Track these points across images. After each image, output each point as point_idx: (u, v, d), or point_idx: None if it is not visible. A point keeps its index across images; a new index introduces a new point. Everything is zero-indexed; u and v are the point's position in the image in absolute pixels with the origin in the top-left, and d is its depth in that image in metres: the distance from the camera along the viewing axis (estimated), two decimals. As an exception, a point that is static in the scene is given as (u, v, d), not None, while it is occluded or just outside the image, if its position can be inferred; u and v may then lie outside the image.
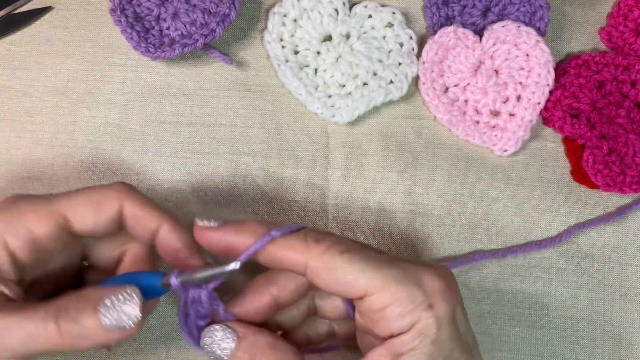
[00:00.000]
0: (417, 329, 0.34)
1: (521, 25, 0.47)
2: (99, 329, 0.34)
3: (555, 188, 0.48)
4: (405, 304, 0.34)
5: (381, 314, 0.34)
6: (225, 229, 0.37)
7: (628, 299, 0.47)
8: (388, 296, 0.34)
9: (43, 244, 0.36)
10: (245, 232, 0.36)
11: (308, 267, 0.35)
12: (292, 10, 0.48)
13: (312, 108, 0.47)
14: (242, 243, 0.36)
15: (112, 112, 0.48)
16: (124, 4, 0.47)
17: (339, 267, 0.35)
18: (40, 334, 0.34)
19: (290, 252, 0.35)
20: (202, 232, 0.37)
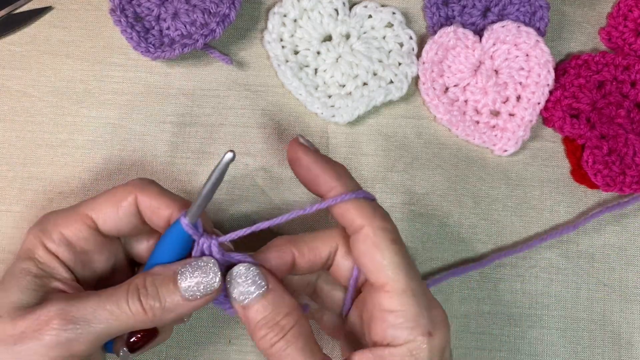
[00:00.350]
0: (410, 348, 0.35)
1: (521, 25, 0.47)
2: (181, 300, 0.36)
3: (555, 188, 0.48)
4: (410, 318, 0.35)
5: (384, 315, 0.35)
6: (318, 159, 0.38)
7: (628, 299, 0.47)
8: (398, 302, 0.35)
9: (79, 245, 0.38)
10: (332, 174, 0.37)
11: (360, 231, 0.36)
12: (292, 10, 0.48)
13: (312, 108, 0.47)
14: (324, 181, 0.37)
15: (112, 112, 0.48)
16: (124, 4, 0.47)
17: (383, 248, 0.36)
18: (125, 314, 0.35)
19: (357, 211, 0.36)
20: (296, 148, 0.38)
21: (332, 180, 0.37)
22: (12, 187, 0.47)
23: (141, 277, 0.36)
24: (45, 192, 0.46)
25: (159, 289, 0.36)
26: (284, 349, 0.35)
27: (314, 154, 0.38)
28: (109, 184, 0.47)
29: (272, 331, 0.35)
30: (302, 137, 0.39)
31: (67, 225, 0.38)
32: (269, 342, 0.35)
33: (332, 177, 0.37)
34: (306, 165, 0.38)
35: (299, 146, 0.38)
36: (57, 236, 0.38)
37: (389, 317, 0.35)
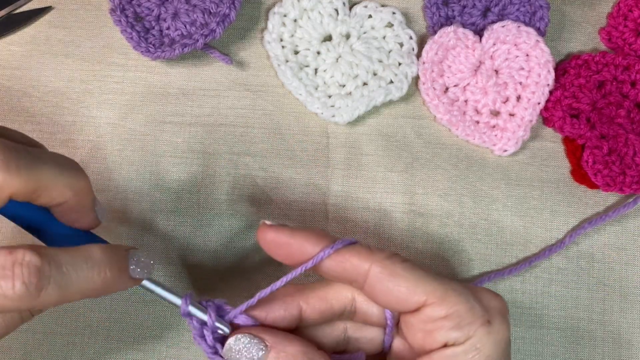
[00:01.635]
0: (472, 343, 0.34)
1: (521, 25, 0.47)
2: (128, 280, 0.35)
3: (555, 188, 0.48)
4: (463, 315, 0.34)
5: (438, 324, 0.34)
6: (293, 233, 0.36)
7: (628, 299, 0.47)
8: (447, 307, 0.34)
9: None
10: (309, 239, 0.36)
11: (370, 274, 0.35)
12: (292, 10, 0.48)
13: (312, 108, 0.47)
14: (307, 248, 0.36)
15: (112, 112, 0.48)
16: (124, 4, 0.47)
17: (401, 273, 0.35)
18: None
19: (355, 256, 0.35)
20: (267, 230, 0.37)
21: (315, 244, 0.36)
22: (12, 187, 0.46)
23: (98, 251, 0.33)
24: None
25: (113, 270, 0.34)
26: None
27: (286, 229, 0.37)
28: (109, 184, 0.47)
29: None
30: (267, 221, 0.37)
31: None
32: None
33: (315, 241, 0.36)
34: (285, 243, 0.36)
35: (268, 229, 0.37)
36: None
37: (444, 323, 0.34)
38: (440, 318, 0.34)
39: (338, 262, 0.36)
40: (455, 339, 0.34)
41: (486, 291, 0.36)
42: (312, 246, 0.36)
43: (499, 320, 0.35)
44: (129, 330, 0.45)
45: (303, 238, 0.36)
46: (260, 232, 0.37)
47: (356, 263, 0.35)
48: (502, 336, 0.34)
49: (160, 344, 0.45)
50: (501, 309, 0.35)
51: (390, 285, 0.35)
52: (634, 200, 0.47)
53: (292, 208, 0.47)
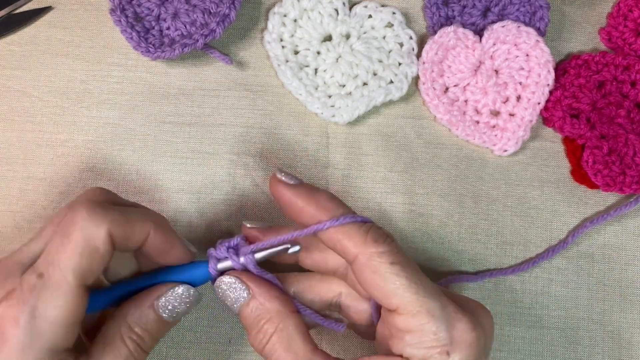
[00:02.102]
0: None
1: (521, 25, 0.47)
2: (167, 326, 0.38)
3: (555, 188, 0.48)
4: (426, 337, 0.34)
5: (401, 334, 0.35)
6: (300, 193, 0.38)
7: (628, 299, 0.47)
8: (414, 323, 0.34)
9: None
10: (316, 205, 0.37)
11: (356, 260, 0.36)
12: (292, 10, 0.48)
13: (312, 108, 0.47)
14: (309, 213, 0.37)
15: (112, 112, 0.48)
16: (124, 4, 0.47)
17: (382, 274, 0.35)
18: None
19: (347, 240, 0.36)
20: (277, 184, 0.38)
21: (315, 212, 0.37)
22: (12, 187, 0.47)
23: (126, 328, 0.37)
24: (45, 192, 0.46)
25: (150, 332, 0.37)
26: (271, 353, 0.37)
27: (293, 187, 0.38)
28: (109, 184, 0.47)
29: (257, 337, 0.37)
30: (279, 173, 0.39)
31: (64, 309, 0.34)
32: (258, 346, 0.38)
33: (315, 209, 0.37)
34: (288, 202, 0.38)
35: (277, 183, 0.38)
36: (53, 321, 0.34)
37: (406, 337, 0.35)
38: (405, 330, 0.35)
39: (333, 242, 0.37)
40: (410, 356, 0.35)
41: (464, 323, 0.35)
42: (312, 211, 0.37)
43: (461, 355, 0.34)
44: (129, 330, 0.45)
45: (305, 202, 0.37)
46: (270, 185, 0.39)
47: (346, 247, 0.36)
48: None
49: (160, 344, 0.45)
50: (469, 345, 0.35)
51: (369, 280, 0.35)
52: (635, 199, 0.47)
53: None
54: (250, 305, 0.38)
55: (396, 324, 0.35)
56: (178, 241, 0.39)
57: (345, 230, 0.36)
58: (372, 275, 0.35)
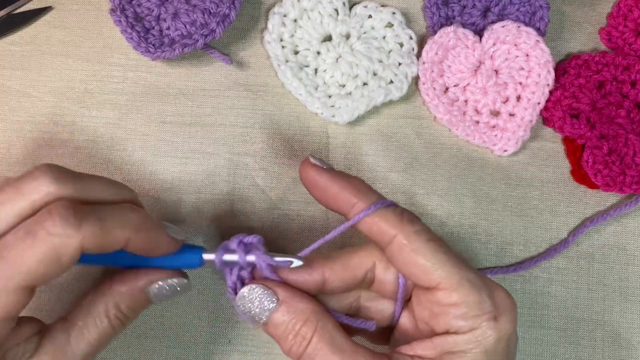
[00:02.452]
0: (475, 335, 0.34)
1: (521, 25, 0.47)
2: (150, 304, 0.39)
3: (555, 188, 0.48)
4: (472, 307, 0.34)
5: (445, 309, 0.35)
6: (335, 177, 0.37)
7: (628, 299, 0.47)
8: (459, 295, 0.35)
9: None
10: (352, 189, 0.37)
11: (394, 241, 0.36)
12: (292, 10, 0.48)
13: (312, 108, 0.47)
14: (344, 198, 0.37)
15: (112, 112, 0.48)
16: (124, 4, 0.47)
17: (423, 251, 0.35)
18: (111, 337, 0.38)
19: (384, 222, 0.36)
20: (310, 169, 0.38)
21: (351, 197, 0.37)
22: (12, 187, 0.46)
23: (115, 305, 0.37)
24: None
25: (136, 310, 0.38)
26: (313, 356, 0.35)
27: (327, 172, 0.38)
28: (109, 184, 0.47)
29: (295, 342, 0.36)
30: (312, 157, 0.39)
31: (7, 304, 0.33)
32: (297, 352, 0.36)
33: (351, 194, 0.37)
34: (322, 186, 0.38)
35: (311, 167, 0.38)
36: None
37: (452, 310, 0.35)
38: (449, 304, 0.35)
39: (369, 226, 0.36)
40: (459, 328, 0.34)
41: (501, 289, 0.36)
42: (348, 197, 0.37)
43: (506, 318, 0.35)
44: (129, 330, 0.45)
45: (341, 186, 0.37)
46: (302, 168, 0.38)
47: (384, 229, 0.36)
48: (505, 334, 0.35)
49: (160, 344, 0.45)
50: (511, 308, 0.36)
51: (409, 259, 0.35)
52: (636, 199, 0.47)
53: (292, 208, 0.47)
54: (281, 310, 0.36)
55: (439, 300, 0.35)
56: (163, 237, 0.37)
57: (381, 213, 0.36)
58: (412, 253, 0.35)
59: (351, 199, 0.37)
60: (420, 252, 0.35)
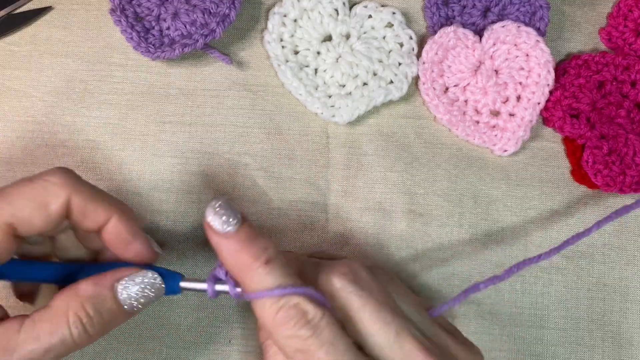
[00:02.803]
0: None
1: (521, 25, 0.47)
2: (123, 314, 0.36)
3: (555, 188, 0.48)
4: None
5: None
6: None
7: (628, 299, 0.47)
8: None
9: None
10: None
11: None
12: (292, 10, 0.48)
13: (312, 108, 0.47)
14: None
15: (112, 112, 0.48)
16: (124, 4, 0.47)
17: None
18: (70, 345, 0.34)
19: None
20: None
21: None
22: (12, 187, 0.46)
23: (76, 303, 0.34)
24: None
25: (103, 313, 0.35)
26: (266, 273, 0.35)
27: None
28: (109, 184, 0.47)
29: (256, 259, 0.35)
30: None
31: None
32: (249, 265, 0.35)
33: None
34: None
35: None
36: None
37: None
38: None
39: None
40: None
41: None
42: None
43: None
44: (129, 330, 0.45)
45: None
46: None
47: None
48: None
49: (160, 344, 0.45)
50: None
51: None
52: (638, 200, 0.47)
53: (292, 208, 0.47)
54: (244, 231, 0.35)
55: None
56: (141, 236, 0.37)
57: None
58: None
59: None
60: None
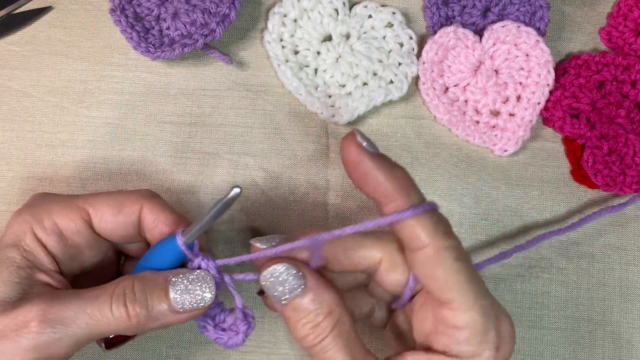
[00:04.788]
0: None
1: (521, 25, 0.47)
2: (168, 310, 0.35)
3: (555, 188, 0.48)
4: (477, 334, 0.34)
5: (450, 330, 0.34)
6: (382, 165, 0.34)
7: (628, 299, 0.47)
8: (466, 319, 0.34)
9: (71, 238, 0.37)
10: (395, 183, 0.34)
11: (424, 251, 0.34)
12: (292, 10, 0.48)
13: (312, 108, 0.47)
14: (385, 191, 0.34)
15: (112, 112, 0.48)
16: (124, 4, 0.47)
17: (448, 269, 0.34)
18: (106, 319, 0.34)
19: (419, 228, 0.34)
20: (355, 149, 0.34)
21: (393, 192, 0.34)
22: (12, 187, 0.47)
23: (129, 280, 0.35)
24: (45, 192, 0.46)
25: (148, 296, 0.35)
26: (325, 351, 0.35)
27: (372, 158, 0.34)
28: (109, 184, 0.47)
29: (313, 333, 0.35)
30: (359, 134, 0.34)
31: (63, 216, 0.37)
32: (309, 343, 0.35)
33: (394, 188, 0.34)
34: (363, 172, 0.34)
35: (355, 147, 0.34)
36: (50, 225, 0.37)
37: (456, 333, 0.34)
38: (455, 326, 0.34)
39: (402, 226, 0.34)
40: (460, 352, 0.34)
41: (507, 318, 0.35)
42: (390, 190, 0.34)
43: (507, 349, 0.35)
44: (129, 330, 0.45)
45: (385, 177, 0.34)
46: (345, 145, 0.34)
47: (417, 236, 0.34)
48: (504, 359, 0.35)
49: (160, 344, 0.45)
50: (512, 338, 0.35)
51: (430, 272, 0.34)
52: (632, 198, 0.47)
53: (292, 208, 0.47)
54: (307, 298, 0.35)
55: (446, 319, 0.34)
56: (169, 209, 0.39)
57: (418, 218, 0.34)
58: (436, 268, 0.34)
59: (392, 194, 0.34)
60: (444, 269, 0.34)
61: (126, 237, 0.39)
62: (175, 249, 0.36)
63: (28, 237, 0.36)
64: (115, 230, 0.38)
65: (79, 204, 0.37)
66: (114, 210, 0.38)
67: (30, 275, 0.36)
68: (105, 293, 0.35)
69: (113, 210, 0.38)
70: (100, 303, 0.34)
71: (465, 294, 0.34)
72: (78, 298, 0.35)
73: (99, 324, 0.34)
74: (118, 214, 0.38)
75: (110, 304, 0.34)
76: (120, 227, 0.38)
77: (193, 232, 0.35)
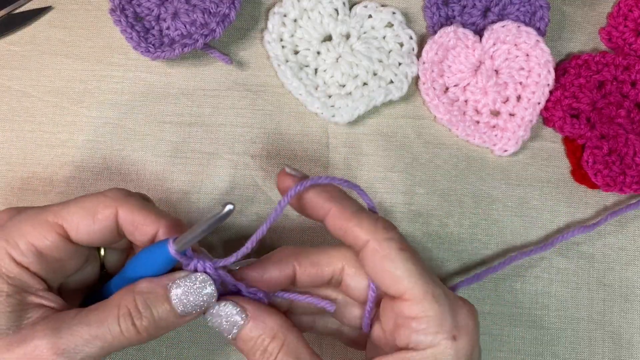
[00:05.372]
0: (433, 353, 0.34)
1: (521, 25, 0.47)
2: (175, 317, 0.36)
3: (555, 188, 0.48)
4: (433, 323, 0.34)
5: (407, 322, 0.35)
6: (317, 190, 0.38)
7: (628, 299, 0.47)
8: (420, 308, 0.34)
9: (50, 255, 0.36)
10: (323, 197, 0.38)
11: (367, 246, 0.36)
12: (292, 10, 0.48)
13: (312, 108, 0.47)
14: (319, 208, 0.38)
15: (112, 112, 0.48)
16: (124, 4, 0.47)
17: (393, 258, 0.35)
18: (118, 338, 0.35)
19: (358, 228, 0.36)
20: (284, 178, 0.38)
21: (326, 203, 0.37)
22: (12, 187, 0.46)
23: (129, 297, 0.35)
24: (45, 192, 0.46)
25: (152, 309, 0.35)
26: None
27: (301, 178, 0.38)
28: (109, 184, 0.47)
29: (263, 358, 0.36)
30: (288, 167, 0.39)
31: (37, 235, 0.36)
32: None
33: (325, 200, 0.38)
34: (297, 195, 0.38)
35: (286, 177, 0.38)
36: (25, 247, 0.35)
37: (412, 324, 0.35)
38: (410, 317, 0.35)
39: (343, 229, 0.37)
40: (417, 343, 0.34)
41: (465, 308, 0.36)
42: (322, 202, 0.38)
43: (466, 339, 0.35)
44: (129, 330, 0.45)
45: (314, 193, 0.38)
46: (279, 179, 0.39)
47: (357, 234, 0.36)
48: (464, 355, 0.35)
49: (160, 344, 0.45)
50: (473, 329, 0.36)
51: (379, 265, 0.36)
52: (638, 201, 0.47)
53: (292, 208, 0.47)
54: (249, 326, 0.36)
55: (402, 311, 0.35)
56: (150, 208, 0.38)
57: (355, 218, 0.36)
58: (382, 260, 0.35)
59: (324, 204, 0.37)
60: (390, 260, 0.35)
61: (106, 242, 0.38)
62: (166, 256, 0.36)
63: (7, 263, 0.35)
64: (93, 238, 0.37)
65: (50, 219, 0.36)
66: (87, 220, 0.36)
67: (21, 300, 0.35)
68: (111, 315, 0.35)
69: (86, 220, 0.36)
70: (109, 325, 0.35)
71: (415, 282, 0.35)
72: (83, 324, 0.34)
73: (112, 344, 0.35)
74: (92, 223, 0.36)
75: (119, 325, 0.35)
76: (97, 235, 0.37)
77: (184, 243, 0.35)
